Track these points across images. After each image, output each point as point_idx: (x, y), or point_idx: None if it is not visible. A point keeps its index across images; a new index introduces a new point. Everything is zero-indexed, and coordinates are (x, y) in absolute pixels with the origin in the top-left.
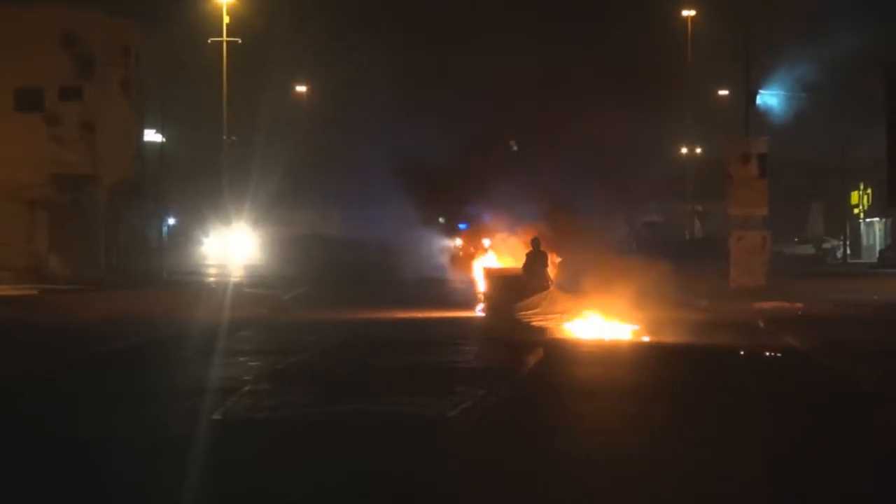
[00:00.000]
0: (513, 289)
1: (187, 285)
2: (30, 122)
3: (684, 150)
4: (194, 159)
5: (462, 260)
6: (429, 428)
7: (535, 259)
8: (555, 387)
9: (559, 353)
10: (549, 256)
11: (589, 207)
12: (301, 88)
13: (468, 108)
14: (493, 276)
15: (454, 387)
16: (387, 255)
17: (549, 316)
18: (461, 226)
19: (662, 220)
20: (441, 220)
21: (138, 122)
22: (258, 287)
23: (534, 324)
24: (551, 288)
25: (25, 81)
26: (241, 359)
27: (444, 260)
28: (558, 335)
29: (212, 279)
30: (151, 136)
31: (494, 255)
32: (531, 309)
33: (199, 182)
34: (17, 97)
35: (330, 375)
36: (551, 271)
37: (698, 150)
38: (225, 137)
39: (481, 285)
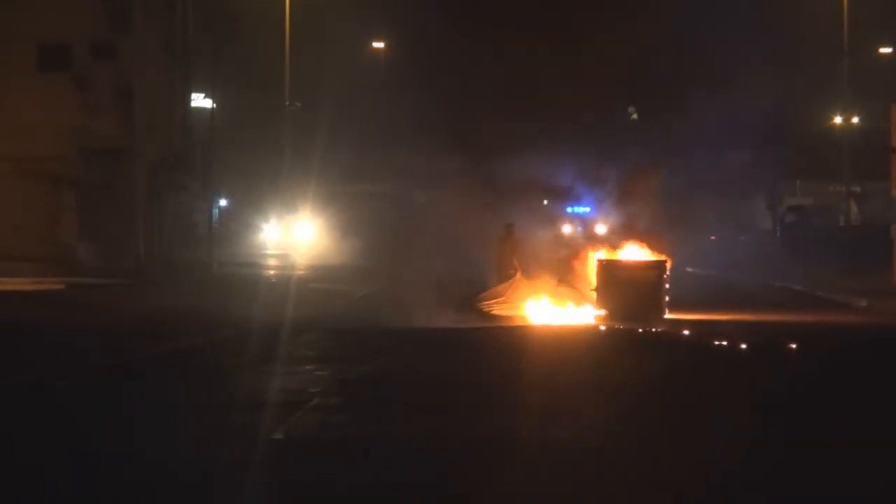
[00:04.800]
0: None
1: (242, 279)
2: (55, 85)
3: (838, 120)
4: (251, 130)
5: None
6: (531, 452)
7: (506, 246)
8: None
9: None
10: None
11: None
12: (378, 45)
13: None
14: (611, 270)
15: (560, 404)
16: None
17: (512, 305)
18: (583, 209)
19: (811, 204)
20: (545, 202)
21: (184, 86)
22: (326, 282)
23: (494, 313)
24: (517, 276)
25: (49, 36)
26: (307, 367)
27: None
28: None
29: (271, 272)
30: (199, 102)
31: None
32: (494, 298)
33: (257, 157)
34: (39, 55)
35: (409, 387)
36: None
37: (855, 120)
38: (287, 103)
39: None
